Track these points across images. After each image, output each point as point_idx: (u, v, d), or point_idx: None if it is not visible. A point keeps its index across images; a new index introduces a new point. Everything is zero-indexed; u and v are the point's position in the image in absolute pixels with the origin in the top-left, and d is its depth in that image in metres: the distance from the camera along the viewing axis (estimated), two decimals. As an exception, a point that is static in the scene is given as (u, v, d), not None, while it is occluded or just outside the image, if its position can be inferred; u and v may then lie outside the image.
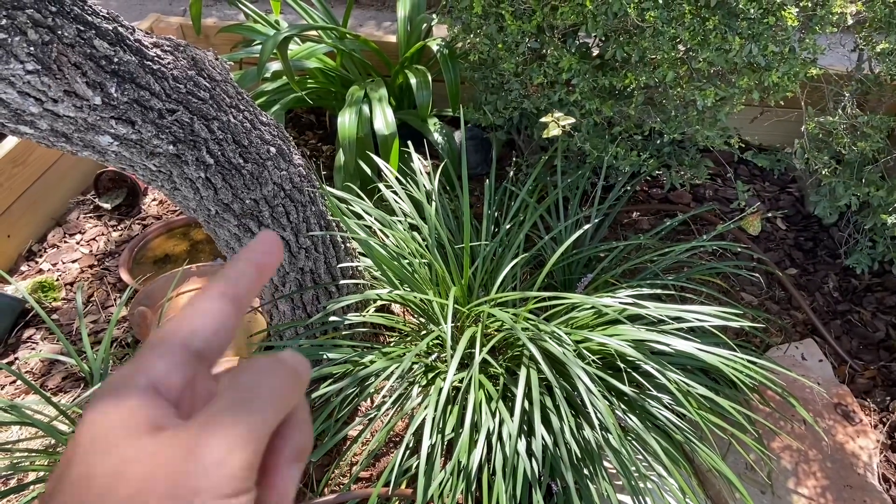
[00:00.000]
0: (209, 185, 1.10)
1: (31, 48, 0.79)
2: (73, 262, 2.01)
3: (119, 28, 0.91)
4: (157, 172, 1.05)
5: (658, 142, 1.85)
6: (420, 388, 1.35)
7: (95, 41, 0.86)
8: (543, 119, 1.53)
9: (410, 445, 1.29)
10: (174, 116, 0.98)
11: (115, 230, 2.12)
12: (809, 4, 1.38)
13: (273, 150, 1.18)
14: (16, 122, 0.86)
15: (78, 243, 2.07)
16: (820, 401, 1.58)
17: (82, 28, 0.85)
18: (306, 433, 0.31)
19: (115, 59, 0.89)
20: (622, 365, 1.29)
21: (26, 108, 0.84)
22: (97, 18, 0.88)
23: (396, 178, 1.64)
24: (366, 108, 1.86)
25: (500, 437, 1.20)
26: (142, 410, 0.27)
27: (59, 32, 0.82)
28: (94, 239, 2.09)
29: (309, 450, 0.31)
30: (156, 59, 0.96)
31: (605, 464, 1.25)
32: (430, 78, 1.92)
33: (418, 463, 1.17)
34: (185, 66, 1.01)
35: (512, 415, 1.18)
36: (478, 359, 1.22)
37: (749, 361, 1.32)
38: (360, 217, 1.53)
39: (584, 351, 1.28)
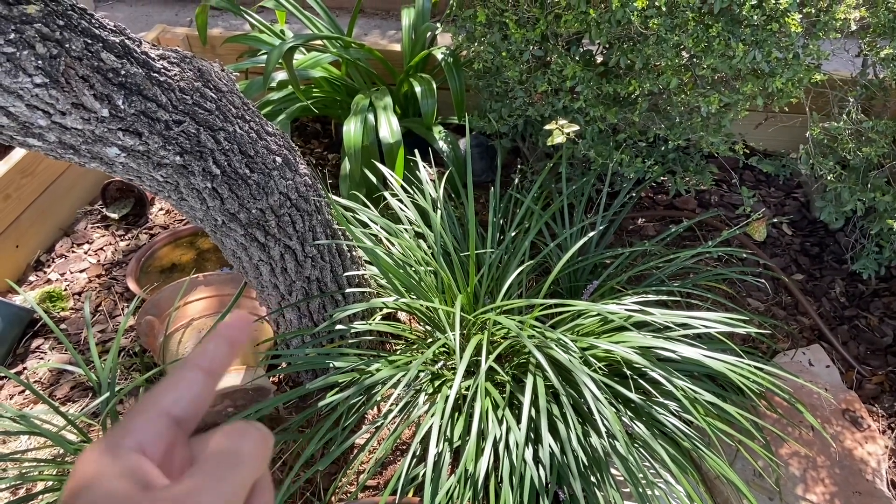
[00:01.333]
0: (216, 196, 1.11)
1: (40, 62, 0.80)
2: (81, 271, 2.02)
3: (126, 41, 0.91)
4: (164, 183, 1.06)
5: (663, 148, 1.85)
6: (427, 396, 1.35)
7: (103, 54, 0.87)
8: (548, 127, 1.54)
9: (417, 453, 1.29)
10: (181, 127, 0.99)
11: (122, 240, 2.13)
12: (813, 11, 1.39)
13: (279, 159, 1.18)
14: (24, 135, 0.87)
15: (86, 253, 2.09)
16: (828, 407, 1.58)
17: (90, 41, 0.86)
18: (269, 494, 0.35)
19: (123, 72, 0.90)
20: (629, 372, 1.29)
21: (35, 121, 0.85)
22: (104, 31, 0.89)
23: (402, 186, 1.64)
24: (371, 117, 1.86)
25: (507, 445, 1.20)
26: (137, 470, 0.30)
27: (67, 46, 0.82)
28: (101, 249, 2.10)
29: None
30: (162, 70, 0.97)
31: (613, 471, 1.25)
32: (434, 86, 1.92)
33: (425, 471, 1.17)
34: (191, 78, 1.02)
35: (519, 423, 1.18)
36: (484, 366, 1.22)
37: (756, 368, 1.32)
38: (366, 226, 1.53)
39: (591, 358, 1.28)
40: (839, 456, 1.48)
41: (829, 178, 1.66)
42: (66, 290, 1.96)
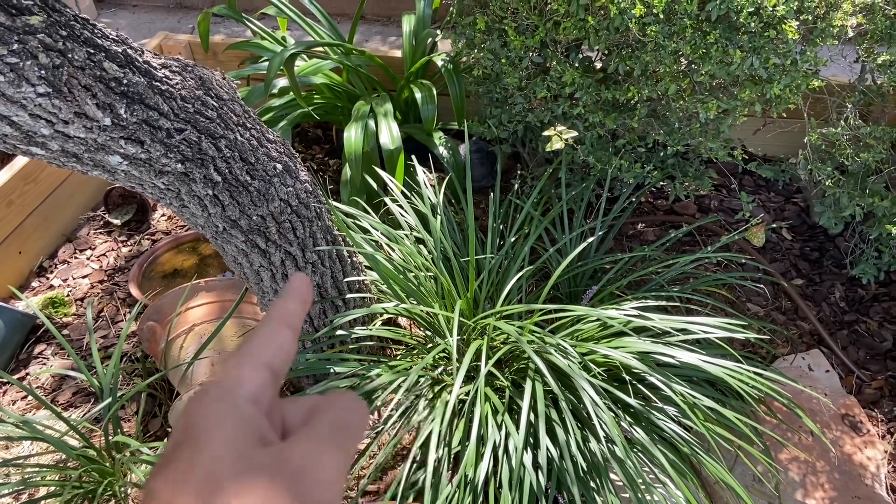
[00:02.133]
0: (217, 203, 1.12)
1: (43, 72, 0.81)
2: (84, 277, 2.03)
3: (128, 50, 0.93)
4: (166, 190, 1.07)
5: (662, 154, 1.86)
6: (427, 402, 1.36)
7: (105, 64, 0.88)
8: (546, 132, 1.55)
9: (417, 459, 1.30)
10: (182, 135, 1.00)
11: (124, 245, 2.15)
12: (810, 18, 1.39)
13: (279, 166, 1.19)
14: (27, 144, 0.88)
15: (88, 259, 2.10)
16: (827, 412, 1.58)
17: (92, 51, 0.87)
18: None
19: (125, 81, 0.91)
20: (628, 377, 1.30)
21: (38, 130, 0.86)
22: (107, 41, 0.90)
23: (402, 192, 1.65)
24: (371, 123, 1.87)
25: (506, 450, 1.21)
26: (253, 422, 0.29)
27: (70, 56, 0.83)
28: (104, 254, 2.11)
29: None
30: (164, 79, 0.98)
31: (612, 476, 1.25)
32: (435, 92, 1.94)
33: (425, 476, 1.17)
34: (192, 86, 1.03)
35: (518, 427, 1.18)
36: (483, 371, 1.22)
37: (755, 373, 1.32)
38: (366, 231, 1.54)
39: (590, 363, 1.29)
40: (838, 461, 1.48)
41: (827, 183, 1.67)
42: (68, 295, 1.97)
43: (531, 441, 1.25)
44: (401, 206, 1.61)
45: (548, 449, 1.19)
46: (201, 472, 0.27)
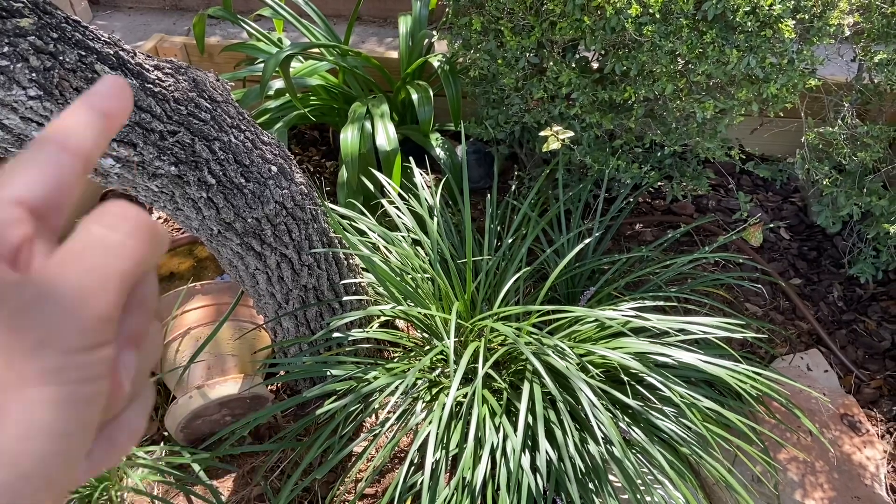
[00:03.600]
0: (211, 205, 1.11)
1: (34, 74, 0.80)
2: (79, 281, 2.02)
3: (120, 52, 0.92)
4: (160, 193, 1.06)
5: (659, 154, 1.85)
6: (424, 404, 1.35)
7: (97, 66, 0.87)
8: (543, 133, 1.54)
9: (415, 461, 1.29)
10: (175, 138, 0.99)
11: (120, 249, 2.13)
12: (806, 16, 1.39)
13: (274, 168, 1.19)
14: (20, 147, 0.87)
15: (84, 262, 2.09)
16: (826, 411, 1.58)
17: (84, 53, 0.86)
18: (145, 315, 0.27)
19: (117, 83, 0.90)
20: (626, 378, 1.29)
21: (29, 133, 0.85)
22: (98, 43, 0.89)
23: (399, 194, 1.64)
24: (368, 125, 1.87)
25: (504, 453, 1.20)
26: None
27: (61, 58, 0.83)
28: (99, 258, 2.10)
29: (147, 338, 0.28)
30: (157, 81, 0.97)
31: (611, 477, 1.25)
32: (431, 93, 1.93)
33: (423, 479, 1.17)
34: (186, 88, 1.02)
35: (516, 430, 1.18)
36: (481, 373, 1.22)
37: (754, 373, 1.32)
38: (363, 234, 1.54)
39: (588, 364, 1.28)
40: (838, 461, 1.48)
41: (824, 182, 1.66)
42: (64, 299, 1.96)
43: (529, 443, 1.24)
44: (397, 208, 1.60)
45: (546, 451, 1.18)
46: None
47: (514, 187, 1.93)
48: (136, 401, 0.28)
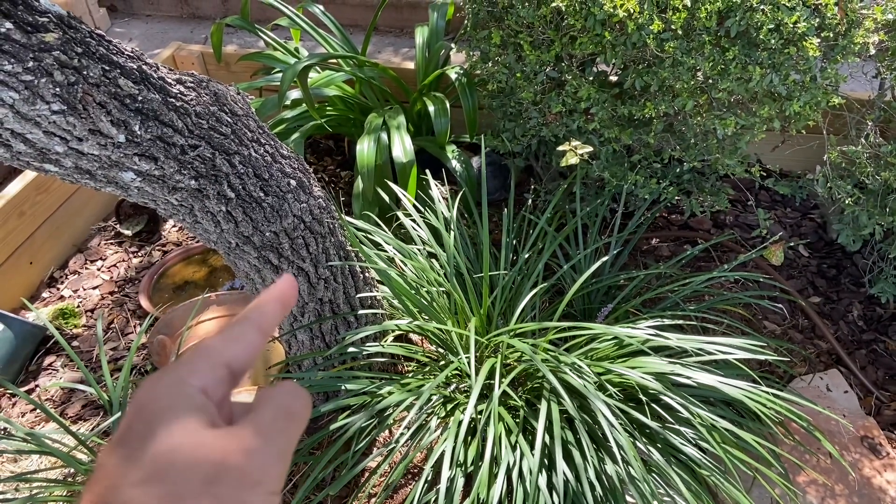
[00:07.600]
0: (230, 219, 1.11)
1: (57, 89, 0.80)
2: (94, 288, 2.03)
3: (143, 66, 0.92)
4: (179, 206, 1.06)
5: (678, 169, 1.84)
6: (439, 420, 1.34)
7: (120, 80, 0.87)
8: (561, 147, 1.53)
9: (429, 478, 1.28)
10: (196, 152, 0.99)
11: (135, 256, 2.14)
12: (831, 35, 1.37)
13: (293, 182, 1.18)
14: (41, 161, 0.87)
15: (99, 270, 2.09)
16: (846, 433, 1.55)
17: (107, 68, 0.86)
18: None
19: (140, 98, 0.90)
20: (644, 398, 1.28)
21: (52, 147, 0.85)
22: (122, 58, 0.89)
23: (414, 206, 1.64)
24: (384, 136, 1.86)
25: (520, 472, 1.19)
26: (204, 408, 0.31)
27: (85, 73, 0.83)
28: (114, 265, 2.11)
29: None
30: (179, 95, 0.97)
31: (628, 498, 1.23)
32: (448, 105, 1.92)
33: (437, 497, 1.15)
34: (207, 102, 1.02)
35: (532, 449, 1.16)
36: (497, 391, 1.20)
37: (773, 394, 1.30)
38: (379, 246, 1.53)
39: (606, 383, 1.26)
40: (858, 484, 1.45)
41: (846, 201, 1.64)
42: (78, 306, 1.96)
43: (546, 462, 1.22)
44: (413, 220, 1.60)
45: (563, 471, 1.17)
46: (152, 449, 0.28)
47: (530, 201, 1.92)
48: None
